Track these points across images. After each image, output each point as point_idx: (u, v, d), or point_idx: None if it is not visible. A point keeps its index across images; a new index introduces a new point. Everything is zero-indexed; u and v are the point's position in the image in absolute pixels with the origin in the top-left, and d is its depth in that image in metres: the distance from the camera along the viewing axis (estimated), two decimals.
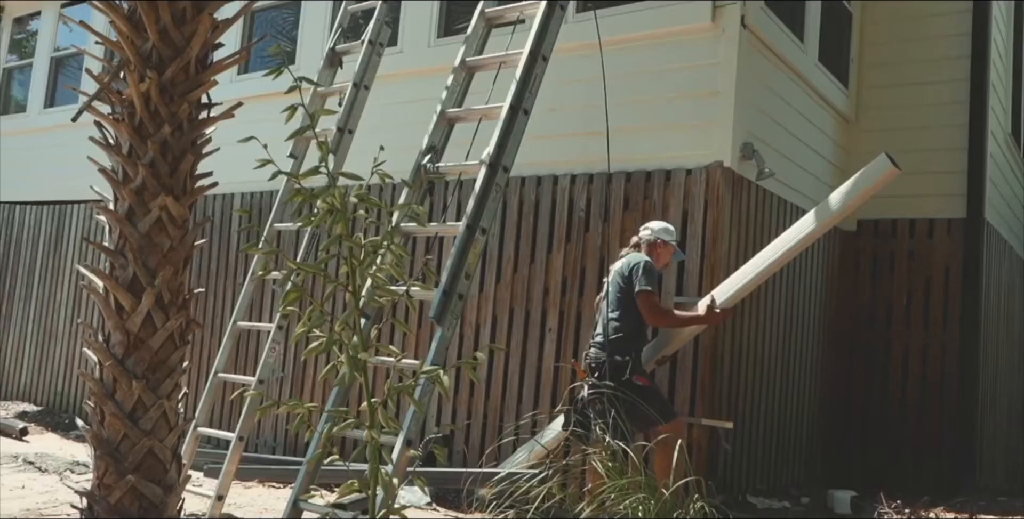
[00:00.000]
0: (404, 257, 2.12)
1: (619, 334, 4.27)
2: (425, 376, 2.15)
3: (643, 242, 4.51)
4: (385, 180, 2.18)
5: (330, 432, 1.91)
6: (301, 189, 2.03)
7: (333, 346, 1.88)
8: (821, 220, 4.36)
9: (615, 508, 2.92)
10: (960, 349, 6.60)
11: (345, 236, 1.90)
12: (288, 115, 2.19)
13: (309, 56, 6.92)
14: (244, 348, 7.05)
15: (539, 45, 3.92)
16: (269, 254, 2.14)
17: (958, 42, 6.87)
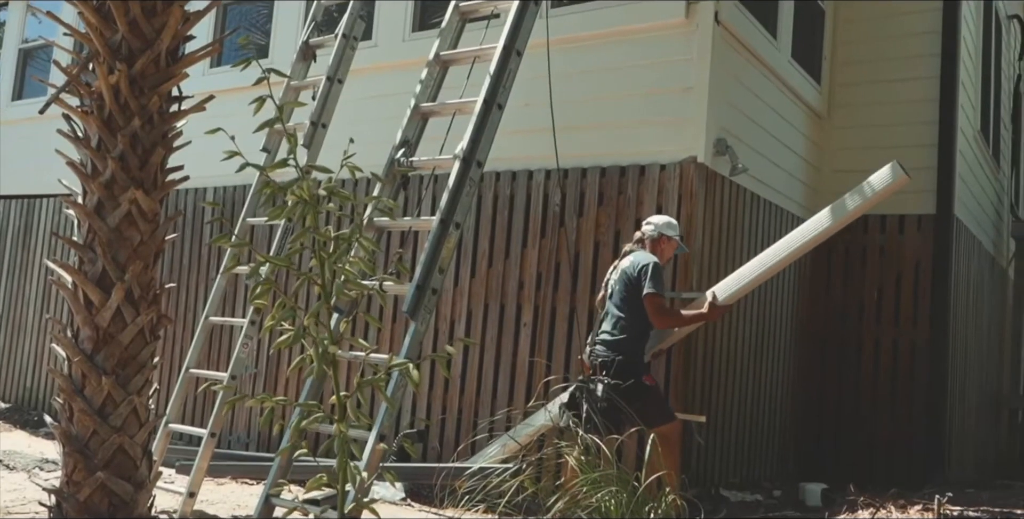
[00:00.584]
0: (374, 250, 2.11)
1: (627, 334, 4.27)
2: (397, 370, 2.15)
3: (646, 238, 4.48)
4: (355, 173, 2.17)
5: (298, 426, 1.90)
6: (270, 181, 2.01)
7: (302, 340, 1.87)
8: (826, 225, 4.42)
9: (587, 501, 2.93)
10: (930, 344, 6.69)
11: (314, 229, 1.89)
12: (256, 107, 2.17)
13: (282, 50, 6.87)
14: (217, 343, 7.00)
15: (513, 40, 3.91)
16: (238, 247, 2.12)
17: (928, 40, 6.95)
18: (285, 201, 1.97)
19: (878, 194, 4.32)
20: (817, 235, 4.45)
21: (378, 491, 5.09)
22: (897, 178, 4.29)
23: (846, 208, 4.41)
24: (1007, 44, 9.69)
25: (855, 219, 4.63)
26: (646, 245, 4.49)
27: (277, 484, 2.39)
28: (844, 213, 4.41)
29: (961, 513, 4.50)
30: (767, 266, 4.49)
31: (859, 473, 6.25)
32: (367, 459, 2.90)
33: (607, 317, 4.38)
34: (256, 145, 4.77)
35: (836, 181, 7.21)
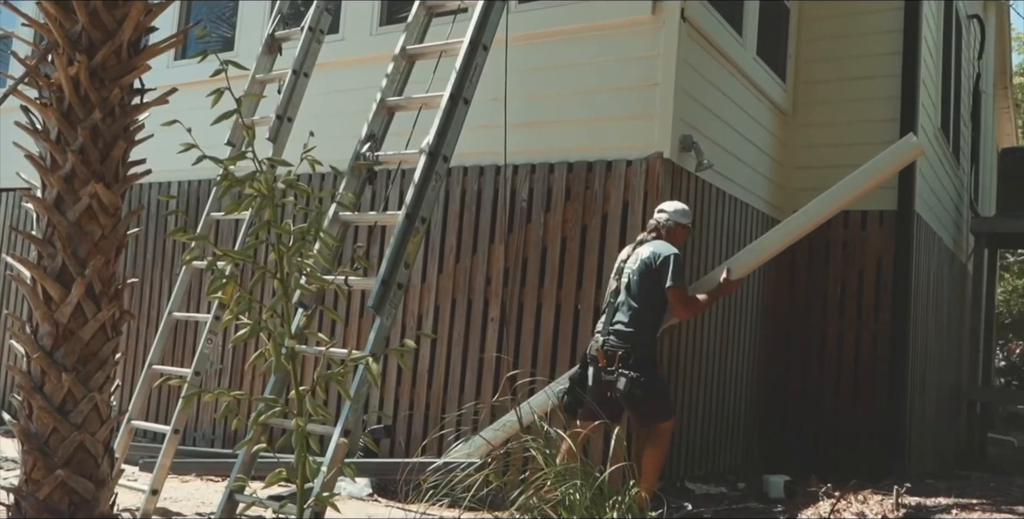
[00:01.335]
0: (333, 244, 2.10)
1: (644, 326, 4.27)
2: (361, 365, 2.14)
3: (662, 227, 4.45)
4: (315, 168, 2.15)
5: (256, 420, 1.89)
6: (228, 174, 2.00)
7: (262, 334, 1.86)
8: (842, 198, 4.59)
9: (550, 495, 2.95)
10: (891, 338, 6.80)
11: (273, 222, 1.88)
12: (214, 99, 2.15)
13: (248, 42, 6.80)
14: (182, 339, 6.93)
15: (480, 34, 3.91)
16: (197, 240, 2.10)
17: (890, 39, 7.05)
18: (244, 194, 1.95)
19: (896, 165, 4.44)
20: (834, 207, 4.63)
21: (345, 487, 5.08)
22: (914, 148, 4.47)
23: (862, 179, 4.55)
24: (967, 43, 9.86)
25: None
26: (662, 234, 4.44)
27: (240, 480, 2.38)
28: (861, 184, 4.54)
29: (919, 503, 4.59)
30: (784, 239, 4.58)
31: (822, 464, 6.34)
32: (331, 454, 2.89)
33: (622, 307, 4.30)
34: (221, 138, 4.72)
35: (801, 177, 7.31)
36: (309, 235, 1.88)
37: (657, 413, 4.25)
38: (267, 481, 1.83)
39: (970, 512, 4.39)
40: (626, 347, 4.18)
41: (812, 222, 4.68)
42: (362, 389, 3.07)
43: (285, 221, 1.96)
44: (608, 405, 4.16)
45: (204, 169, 4.24)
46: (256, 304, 1.89)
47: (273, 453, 2.11)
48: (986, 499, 4.82)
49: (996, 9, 12.00)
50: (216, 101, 2.11)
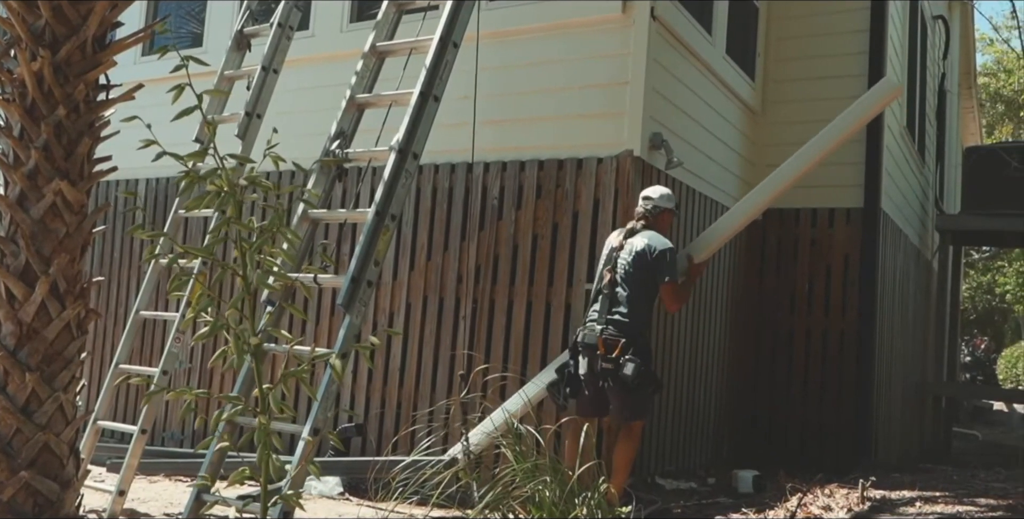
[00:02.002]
0: (298, 242, 2.09)
1: (641, 316, 4.32)
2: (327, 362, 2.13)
3: (650, 215, 4.45)
4: (279, 165, 2.14)
5: (219, 419, 1.88)
6: (189, 171, 1.98)
7: (225, 332, 1.85)
8: (829, 142, 4.66)
9: (518, 492, 2.96)
10: (858, 334, 6.90)
11: (236, 219, 1.87)
12: (175, 95, 2.13)
13: (217, 38, 6.74)
14: (150, 338, 6.86)
15: (450, 31, 3.91)
16: (155, 237, 2.08)
17: (857, 39, 7.14)
18: (206, 191, 1.94)
19: (877, 106, 4.59)
20: (822, 152, 4.69)
21: (315, 486, 5.06)
22: (894, 88, 4.59)
23: (848, 121, 4.64)
24: (932, 44, 10.01)
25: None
26: (650, 221, 4.44)
27: (205, 479, 2.36)
28: (847, 126, 4.64)
29: (884, 496, 4.66)
30: (743, 216, 4.71)
31: (791, 459, 6.43)
32: (300, 453, 2.88)
33: (619, 297, 4.28)
34: (192, 135, 4.68)
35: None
36: (271, 232, 1.87)
37: (643, 407, 4.31)
38: (230, 480, 1.82)
39: (933, 504, 4.47)
40: (628, 336, 4.20)
41: (803, 168, 4.73)
42: (331, 387, 3.06)
43: (249, 218, 1.94)
44: (599, 396, 4.19)
45: (173, 166, 4.21)
46: (218, 301, 1.88)
47: (238, 453, 2.09)
48: (949, 492, 4.91)
49: (960, 10, 12.19)
50: (177, 97, 2.09)
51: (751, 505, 4.61)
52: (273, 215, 1.90)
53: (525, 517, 2.90)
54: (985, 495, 4.76)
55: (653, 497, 4.86)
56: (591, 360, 4.22)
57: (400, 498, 3.05)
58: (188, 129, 3.74)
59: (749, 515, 4.37)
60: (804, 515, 4.24)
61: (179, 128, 3.00)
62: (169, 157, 2.10)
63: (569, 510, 2.92)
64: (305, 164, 4.08)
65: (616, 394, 4.18)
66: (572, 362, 4.31)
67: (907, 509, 4.37)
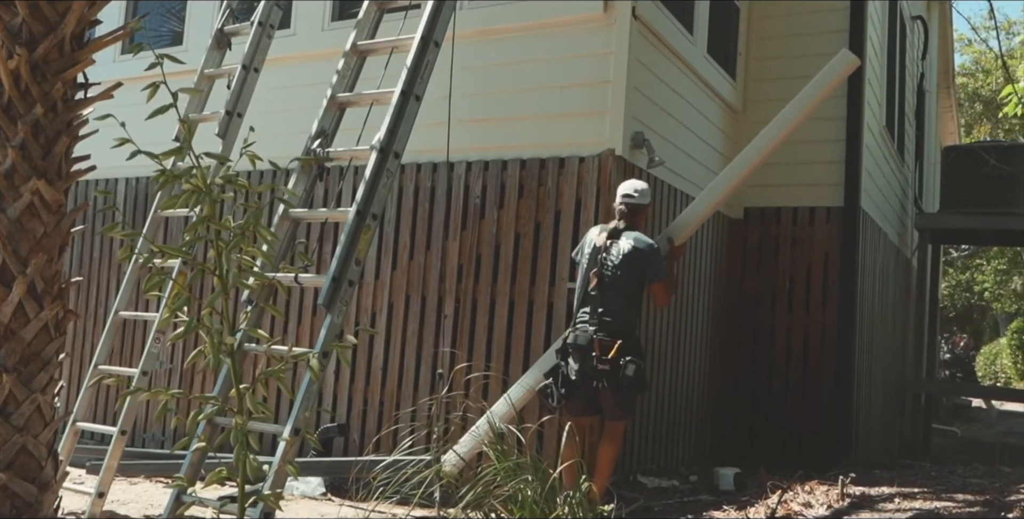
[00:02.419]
0: (273, 240, 2.08)
1: (633, 316, 4.39)
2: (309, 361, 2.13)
3: (631, 213, 4.44)
4: (256, 163, 2.13)
5: (195, 419, 1.87)
6: (164, 170, 1.97)
7: (201, 332, 1.84)
8: (790, 119, 4.76)
9: (499, 491, 2.96)
10: (838, 331, 6.95)
11: (212, 218, 1.86)
12: (149, 94, 2.11)
13: (197, 37, 6.70)
14: (130, 338, 6.82)
15: (431, 30, 3.91)
16: (128, 237, 2.07)
17: (837, 38, 7.18)
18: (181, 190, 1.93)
19: (835, 80, 4.68)
20: (785, 130, 4.79)
21: (297, 486, 5.05)
22: (850, 62, 4.67)
23: (808, 98, 4.73)
24: (911, 43, 10.10)
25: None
26: (631, 220, 4.43)
27: (180, 480, 2.34)
28: (807, 103, 4.72)
29: (863, 493, 4.70)
30: (718, 194, 4.76)
31: (772, 456, 6.47)
32: (281, 453, 2.87)
33: (610, 298, 4.27)
34: (171, 135, 4.64)
35: (752, 175, 7.41)
36: (248, 231, 1.86)
37: (632, 406, 4.39)
38: (207, 481, 1.81)
39: (912, 500, 4.51)
40: (622, 337, 4.23)
41: (771, 144, 4.83)
42: (312, 387, 3.05)
43: (226, 217, 1.93)
44: (590, 396, 4.20)
45: (152, 166, 4.17)
46: (195, 301, 1.87)
47: (214, 452, 2.08)
48: (927, 487, 4.96)
49: (939, 10, 12.30)
50: (152, 95, 2.08)
51: (732, 503, 4.64)
52: (249, 214, 1.89)
53: (507, 516, 2.90)
54: (963, 491, 4.81)
55: (635, 495, 4.88)
56: (584, 361, 4.21)
57: (381, 498, 3.05)
58: (169, 128, 3.71)
59: (730, 513, 4.39)
60: (784, 512, 4.27)
61: (159, 127, 2.98)
62: (146, 156, 2.08)
63: (551, 509, 2.92)
64: (276, 162, 4.08)
65: (610, 394, 4.21)
66: (563, 364, 4.29)
67: (886, 505, 4.41)
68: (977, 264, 25.01)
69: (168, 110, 2.07)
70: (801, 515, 4.25)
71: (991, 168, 9.42)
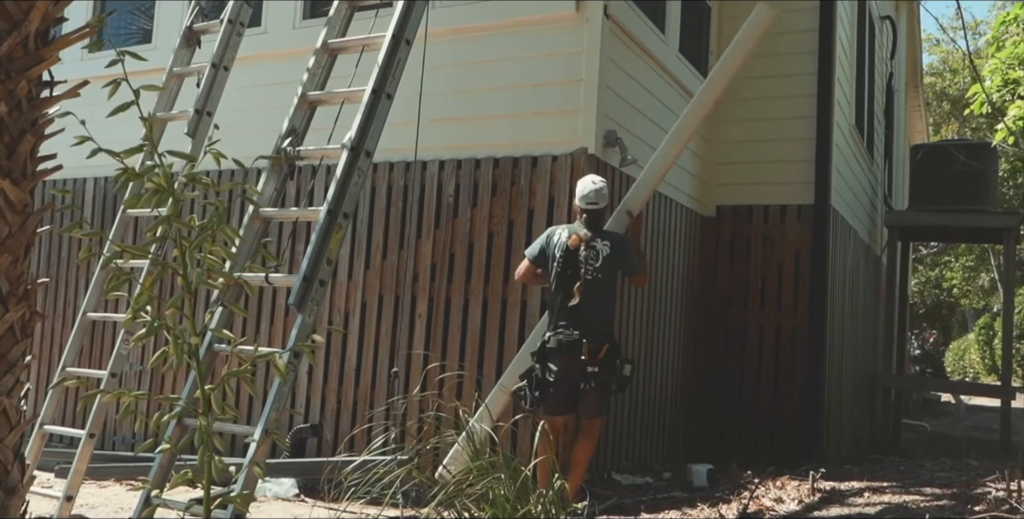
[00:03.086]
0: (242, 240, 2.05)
1: (611, 317, 4.46)
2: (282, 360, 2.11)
3: (601, 214, 4.42)
4: (220, 161, 2.11)
5: (159, 421, 1.86)
6: (126, 168, 1.94)
7: (166, 333, 1.82)
8: (719, 82, 4.87)
9: (471, 490, 2.96)
10: (809, 328, 7.02)
11: (175, 217, 1.84)
12: (110, 91, 2.09)
13: (166, 35, 6.63)
14: (100, 340, 6.74)
15: (402, 28, 3.89)
16: (88, 236, 2.04)
17: (807, 38, 7.26)
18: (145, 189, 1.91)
19: (756, 34, 4.82)
20: (715, 92, 4.91)
21: (270, 488, 5.02)
22: (766, 14, 4.86)
23: (734, 57, 4.83)
24: (880, 43, 10.22)
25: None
26: (599, 222, 4.42)
27: (145, 482, 2.31)
28: (734, 62, 4.83)
29: (833, 487, 4.76)
30: (665, 162, 4.82)
31: (745, 452, 6.52)
32: (251, 454, 2.85)
33: (593, 301, 4.26)
34: (137, 132, 4.59)
35: (724, 173, 7.49)
36: (212, 230, 1.84)
37: (608, 404, 4.46)
38: (172, 483, 1.79)
39: (881, 495, 4.57)
40: (608, 339, 4.29)
41: (706, 105, 4.94)
42: (283, 388, 3.03)
43: (191, 216, 1.91)
44: (568, 397, 4.22)
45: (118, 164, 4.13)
46: (158, 302, 1.85)
47: (183, 454, 2.06)
48: (896, 482, 5.03)
49: (907, 10, 12.46)
50: (113, 92, 2.05)
51: (705, 499, 4.67)
52: (212, 213, 1.87)
53: (479, 515, 2.90)
54: (930, 485, 4.88)
55: (609, 492, 4.90)
56: (570, 364, 4.21)
57: (353, 498, 3.04)
58: (139, 127, 3.67)
59: (703, 508, 4.42)
60: (756, 507, 4.31)
61: (130, 127, 2.94)
62: (114, 155, 2.05)
63: (524, 507, 2.93)
64: (240, 161, 4.04)
65: (595, 394, 4.24)
66: (539, 367, 4.29)
67: (856, 500, 4.46)
68: (946, 261, 25.38)
69: (129, 107, 2.04)
70: (772, 510, 4.29)
71: (958, 166, 9.56)
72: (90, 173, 6.98)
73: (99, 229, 6.90)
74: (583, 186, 4.45)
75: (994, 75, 7.48)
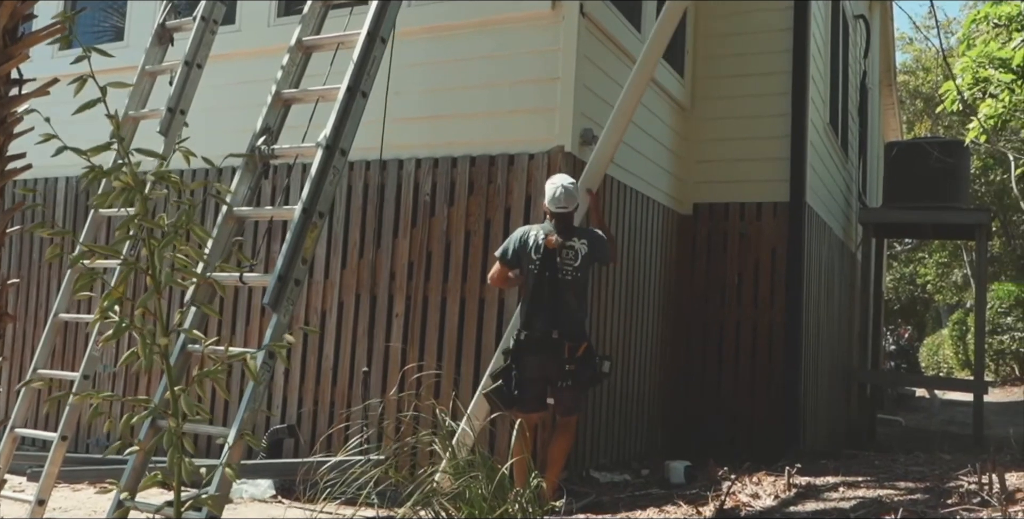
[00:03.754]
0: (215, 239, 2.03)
1: (585, 315, 4.44)
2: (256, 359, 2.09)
3: (572, 214, 4.40)
4: (189, 159, 2.09)
5: (127, 423, 1.84)
6: (92, 167, 1.92)
7: (134, 334, 1.80)
8: (649, 65, 5.08)
9: (449, 488, 2.95)
10: (785, 325, 7.07)
11: (143, 216, 1.82)
12: (76, 88, 2.06)
13: (139, 33, 6.56)
14: (73, 341, 6.66)
15: (377, 26, 3.87)
16: (56, 235, 2.01)
17: (782, 37, 7.31)
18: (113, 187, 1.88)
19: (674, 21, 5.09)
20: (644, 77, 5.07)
21: (247, 489, 4.98)
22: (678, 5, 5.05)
23: (658, 42, 5.07)
24: (854, 42, 10.31)
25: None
26: (569, 223, 4.41)
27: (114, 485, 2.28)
28: (659, 45, 5.06)
29: (809, 483, 4.79)
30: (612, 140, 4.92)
31: (723, 448, 6.55)
32: (226, 456, 2.82)
33: (566, 300, 4.25)
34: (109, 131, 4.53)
35: (700, 171, 7.52)
36: (181, 229, 1.82)
37: (583, 400, 4.48)
38: (142, 485, 1.77)
39: (855, 489, 4.61)
40: (585, 337, 4.31)
41: (643, 82, 5.07)
42: (258, 388, 3.01)
43: (159, 215, 1.89)
44: (543, 394, 4.23)
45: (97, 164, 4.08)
46: (127, 302, 1.83)
47: (155, 456, 2.04)
48: (871, 476, 5.07)
49: (881, 9, 12.58)
50: (79, 90, 2.02)
51: (683, 496, 4.69)
52: (181, 211, 1.85)
53: (455, 514, 2.90)
54: (904, 479, 4.93)
55: (586, 490, 4.91)
56: (548, 362, 4.21)
57: (329, 498, 3.02)
58: (110, 126, 3.62)
59: (681, 505, 4.44)
60: (733, 503, 4.33)
61: (100, 125, 2.90)
62: (80, 154, 2.02)
63: (500, 506, 2.92)
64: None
65: (572, 392, 4.25)
66: (515, 365, 4.27)
67: (831, 494, 4.50)
68: (920, 258, 25.68)
69: (95, 105, 2.01)
70: (749, 506, 4.32)
71: (932, 163, 9.66)
72: (62, 172, 6.90)
73: (68, 229, 6.83)
74: (552, 189, 4.37)
75: (965, 73, 7.56)
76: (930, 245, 23.76)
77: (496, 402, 4.20)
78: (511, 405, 4.19)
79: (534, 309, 4.28)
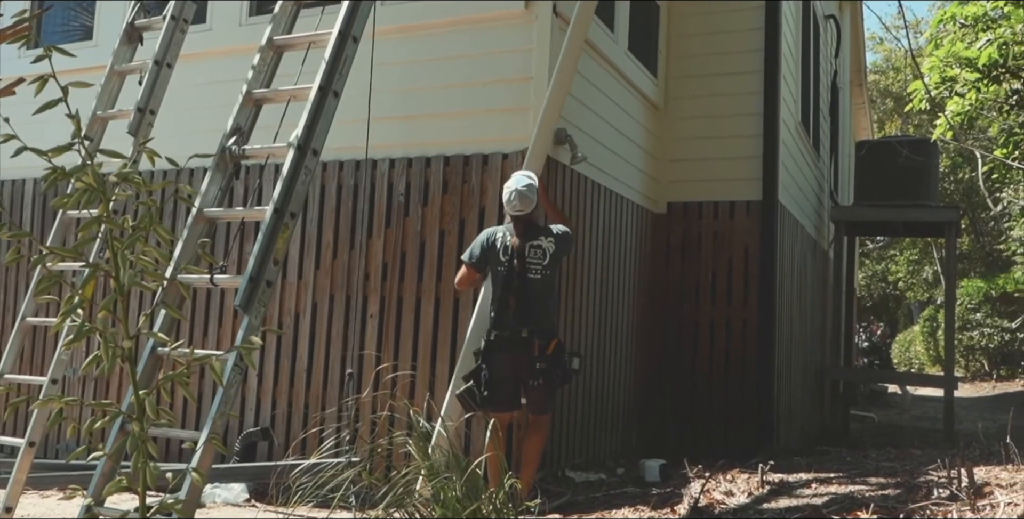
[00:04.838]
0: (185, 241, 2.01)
1: (555, 313, 4.46)
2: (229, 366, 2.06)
3: (526, 220, 4.37)
4: (153, 159, 2.06)
5: (91, 426, 1.81)
6: (54, 168, 1.89)
7: (98, 337, 1.78)
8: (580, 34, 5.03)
9: (422, 490, 2.94)
10: (758, 323, 7.12)
11: (105, 218, 1.79)
12: (37, 88, 2.02)
13: (108, 32, 6.48)
14: (41, 346, 6.57)
15: (349, 25, 3.84)
16: (17, 237, 1.98)
17: (753, 36, 7.36)
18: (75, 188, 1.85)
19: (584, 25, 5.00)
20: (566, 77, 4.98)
21: (220, 493, 4.94)
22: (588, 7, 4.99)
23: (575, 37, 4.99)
24: (825, 42, 10.40)
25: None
26: (532, 217, 4.41)
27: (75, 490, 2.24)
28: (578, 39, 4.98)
29: (782, 479, 4.83)
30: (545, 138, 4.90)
31: (698, 446, 6.59)
32: (197, 460, 2.79)
33: (539, 299, 4.25)
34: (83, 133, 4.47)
35: (674, 170, 7.55)
36: (144, 230, 1.79)
37: (555, 398, 4.47)
38: (106, 491, 1.75)
39: (828, 485, 4.65)
40: (554, 335, 4.31)
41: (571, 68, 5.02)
42: (229, 391, 2.98)
43: (124, 216, 1.86)
44: (515, 393, 4.23)
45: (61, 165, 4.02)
46: (87, 304, 1.80)
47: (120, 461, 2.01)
48: (843, 472, 5.13)
49: (851, 10, 12.71)
50: (39, 89, 1.98)
51: (658, 495, 4.71)
52: (145, 212, 1.82)
53: (428, 516, 2.89)
54: (876, 474, 4.99)
55: (561, 490, 4.91)
56: (516, 360, 4.21)
57: (303, 501, 3.00)
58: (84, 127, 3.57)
59: (655, 504, 4.46)
60: (707, 501, 4.35)
61: (67, 126, 2.86)
62: (40, 154, 1.99)
63: (473, 506, 2.92)
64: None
65: (543, 390, 4.25)
66: (485, 365, 4.26)
67: (803, 491, 4.54)
68: (891, 255, 26.00)
69: (56, 104, 1.98)
70: (723, 504, 4.34)
71: (901, 161, 9.77)
72: (29, 174, 6.80)
73: (34, 231, 6.73)
74: (506, 193, 4.35)
75: (933, 72, 7.66)
76: (901, 243, 24.06)
77: (468, 403, 4.19)
78: (483, 405, 4.18)
79: (504, 309, 4.28)
